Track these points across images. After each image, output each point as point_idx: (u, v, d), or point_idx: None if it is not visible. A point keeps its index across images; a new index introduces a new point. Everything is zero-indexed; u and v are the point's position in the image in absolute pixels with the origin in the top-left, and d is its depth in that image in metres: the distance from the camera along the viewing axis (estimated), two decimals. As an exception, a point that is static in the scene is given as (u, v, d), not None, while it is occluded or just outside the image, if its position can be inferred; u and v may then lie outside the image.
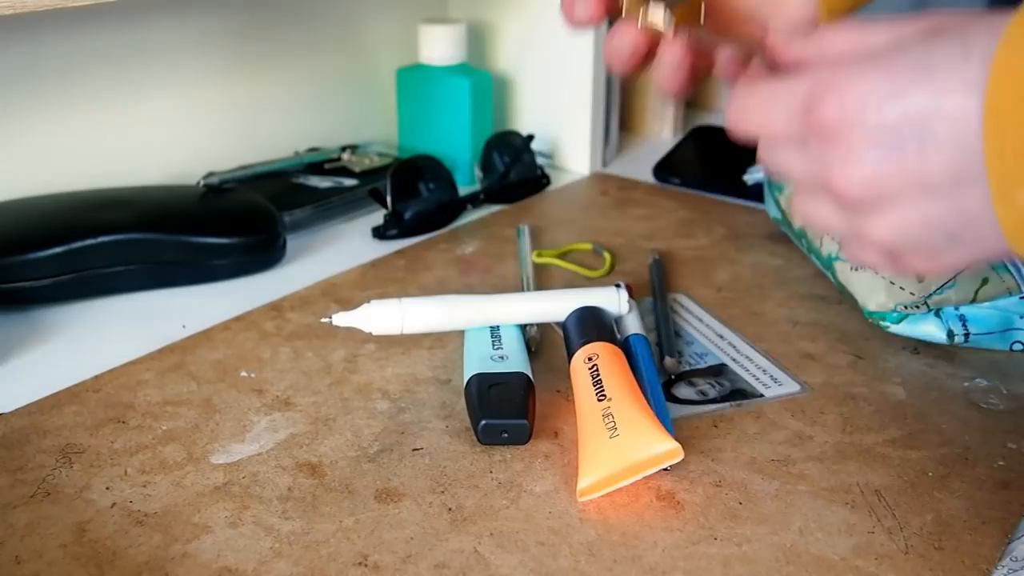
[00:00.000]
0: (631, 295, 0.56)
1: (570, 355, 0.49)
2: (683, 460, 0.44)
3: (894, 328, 0.55)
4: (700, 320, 0.59)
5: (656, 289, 0.61)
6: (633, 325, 0.54)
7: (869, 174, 0.32)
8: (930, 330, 0.54)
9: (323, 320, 0.50)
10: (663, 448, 0.43)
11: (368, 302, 0.51)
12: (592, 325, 0.51)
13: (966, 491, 0.43)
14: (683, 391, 0.51)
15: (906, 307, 0.54)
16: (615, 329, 0.52)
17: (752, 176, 0.79)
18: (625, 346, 0.52)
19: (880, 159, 0.32)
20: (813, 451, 0.46)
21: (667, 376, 0.53)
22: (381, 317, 0.51)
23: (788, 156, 0.36)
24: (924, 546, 0.40)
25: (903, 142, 0.31)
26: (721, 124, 0.97)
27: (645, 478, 0.44)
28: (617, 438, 0.43)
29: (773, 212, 0.69)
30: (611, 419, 0.44)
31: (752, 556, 0.40)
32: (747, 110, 0.36)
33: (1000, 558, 0.40)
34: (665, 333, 0.56)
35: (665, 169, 0.84)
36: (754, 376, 0.53)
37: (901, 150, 0.32)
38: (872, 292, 0.55)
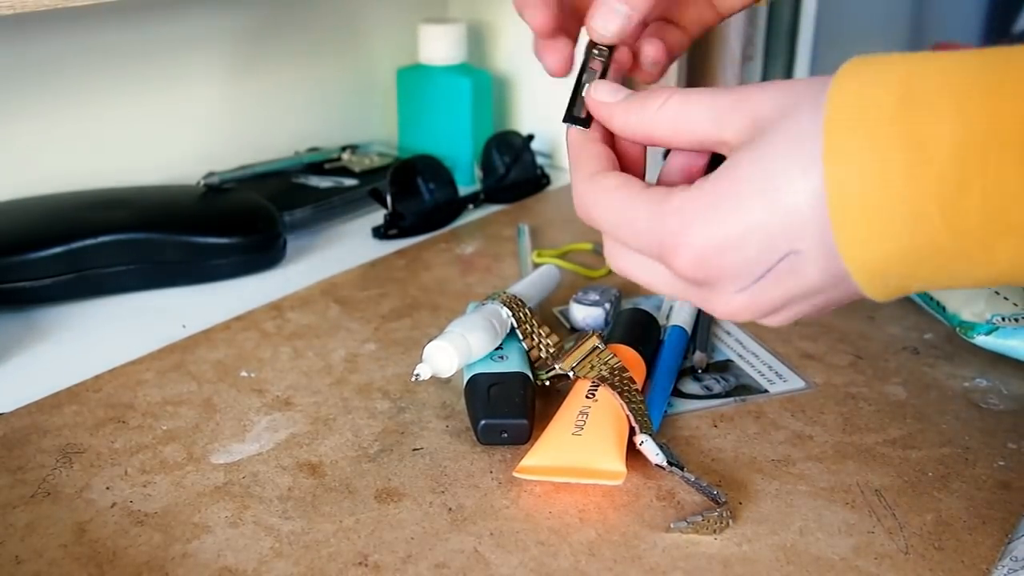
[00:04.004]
0: None
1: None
2: (683, 460, 0.44)
3: (980, 340, 0.53)
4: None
5: None
6: (680, 317, 0.55)
7: (749, 304, 0.34)
8: (1018, 345, 0.52)
9: (412, 380, 0.48)
10: (611, 467, 0.43)
11: (431, 344, 0.48)
12: (626, 328, 0.52)
13: (966, 491, 0.43)
14: (689, 386, 0.52)
15: (1003, 319, 0.52)
16: (652, 337, 0.53)
17: None
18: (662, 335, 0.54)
19: (757, 291, 0.33)
20: (813, 451, 0.46)
21: (693, 369, 0.53)
22: (454, 355, 0.47)
23: (648, 271, 0.37)
24: (924, 546, 0.40)
25: (777, 273, 0.33)
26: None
27: (644, 478, 0.44)
28: (578, 437, 0.44)
29: None
30: (584, 419, 0.45)
31: (752, 556, 0.40)
32: (598, 214, 0.37)
33: (1000, 558, 0.40)
34: (702, 328, 0.56)
35: None
36: (759, 372, 0.53)
37: (776, 280, 0.33)
38: (969, 301, 0.54)
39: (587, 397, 0.46)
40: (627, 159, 0.40)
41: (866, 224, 0.30)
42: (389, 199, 0.70)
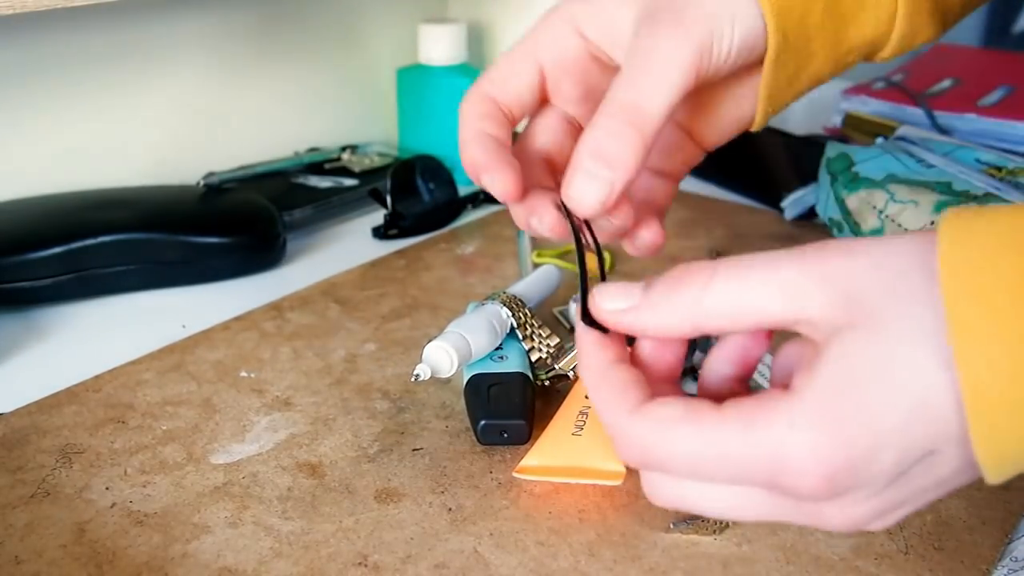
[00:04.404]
0: None
1: None
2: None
3: None
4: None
5: None
6: None
7: (874, 510, 0.29)
8: None
9: (411, 380, 0.47)
10: (610, 467, 0.43)
11: (431, 345, 0.47)
12: None
13: (966, 491, 0.43)
14: (689, 386, 0.51)
15: None
16: None
17: (792, 206, 0.74)
18: None
19: (887, 496, 0.28)
20: (813, 451, 0.46)
21: (693, 369, 0.53)
22: (454, 355, 0.47)
23: (732, 498, 0.30)
24: (924, 546, 0.40)
25: (911, 475, 0.28)
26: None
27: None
28: (578, 437, 0.44)
29: (831, 213, 0.68)
30: (584, 419, 0.45)
31: (752, 556, 0.40)
32: (670, 465, 0.30)
33: (1000, 558, 0.40)
34: None
35: None
36: (759, 372, 0.53)
37: (908, 480, 0.28)
38: None
39: (587, 397, 0.46)
40: (655, 372, 0.33)
41: (1004, 416, 0.26)
42: (389, 199, 0.70)
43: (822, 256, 0.29)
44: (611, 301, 0.32)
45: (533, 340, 0.50)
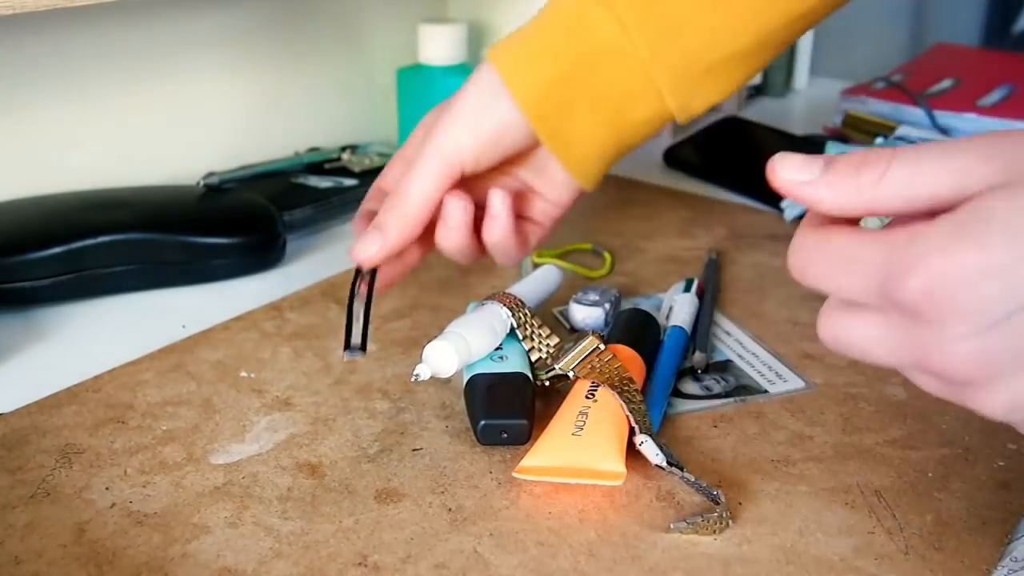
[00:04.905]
0: (700, 293, 0.60)
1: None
2: (683, 461, 0.44)
3: None
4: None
5: (707, 285, 0.62)
6: (679, 317, 0.55)
7: (973, 355, 0.30)
8: None
9: (411, 380, 0.47)
10: (610, 467, 0.43)
11: (431, 345, 0.47)
12: (626, 328, 0.53)
13: (966, 491, 0.43)
14: (689, 386, 0.52)
15: None
16: (652, 337, 0.53)
17: (792, 206, 0.74)
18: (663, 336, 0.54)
19: (988, 340, 0.29)
20: (813, 451, 0.46)
21: (692, 369, 0.53)
22: (454, 355, 0.47)
23: (865, 328, 0.32)
24: (924, 546, 0.40)
25: (1015, 324, 0.29)
26: (746, 118, 0.96)
27: (644, 478, 0.44)
28: (578, 437, 0.44)
29: None
30: (583, 419, 0.45)
31: (752, 556, 0.40)
32: (815, 267, 0.33)
33: (1000, 558, 0.40)
34: (702, 328, 0.56)
35: (674, 155, 0.84)
36: (759, 372, 0.53)
37: (1013, 331, 0.29)
38: None
39: (587, 397, 0.46)
40: None
41: None
42: (389, 199, 0.70)
43: (1003, 139, 0.30)
44: (791, 171, 0.33)
45: (533, 340, 0.50)
